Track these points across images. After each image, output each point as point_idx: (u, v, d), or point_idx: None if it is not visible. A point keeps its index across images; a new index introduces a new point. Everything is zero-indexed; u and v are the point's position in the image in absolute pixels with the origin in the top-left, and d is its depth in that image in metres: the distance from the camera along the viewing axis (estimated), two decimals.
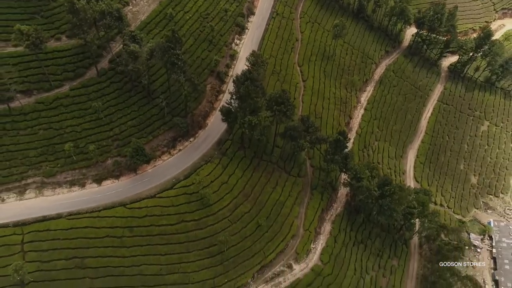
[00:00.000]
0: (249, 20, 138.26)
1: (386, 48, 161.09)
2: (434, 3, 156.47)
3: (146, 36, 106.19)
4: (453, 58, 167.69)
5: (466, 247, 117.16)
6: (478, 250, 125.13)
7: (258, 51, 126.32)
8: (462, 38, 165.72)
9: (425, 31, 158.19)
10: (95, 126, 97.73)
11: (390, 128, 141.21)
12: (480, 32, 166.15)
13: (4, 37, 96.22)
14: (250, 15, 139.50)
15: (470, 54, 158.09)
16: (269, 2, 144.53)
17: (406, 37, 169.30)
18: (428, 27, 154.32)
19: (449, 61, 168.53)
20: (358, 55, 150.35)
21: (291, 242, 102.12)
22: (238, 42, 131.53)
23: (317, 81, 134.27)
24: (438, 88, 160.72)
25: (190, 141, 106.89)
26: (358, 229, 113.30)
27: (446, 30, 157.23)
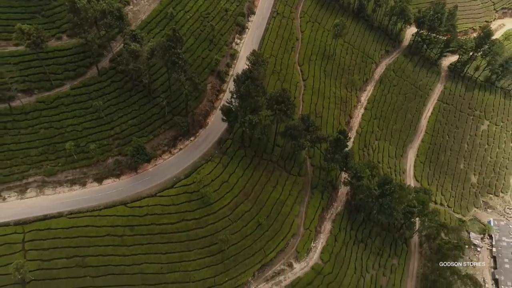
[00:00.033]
0: (249, 19, 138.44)
1: (386, 47, 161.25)
2: (434, 3, 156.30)
3: (146, 35, 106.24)
4: (453, 58, 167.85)
5: (466, 246, 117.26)
6: (478, 249, 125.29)
7: (258, 51, 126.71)
8: (462, 38, 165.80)
9: (425, 31, 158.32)
10: (96, 125, 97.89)
11: (390, 127, 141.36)
12: (480, 31, 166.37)
13: (5, 36, 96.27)
14: (251, 15, 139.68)
15: (470, 54, 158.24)
16: (269, 2, 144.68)
17: (406, 36, 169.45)
18: (428, 27, 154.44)
19: (449, 60, 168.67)
20: (358, 55, 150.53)
21: (292, 241, 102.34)
22: (238, 42, 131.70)
23: (317, 80, 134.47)
24: (438, 87, 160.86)
25: (191, 140, 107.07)
26: (358, 228, 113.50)
27: (446, 30, 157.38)
